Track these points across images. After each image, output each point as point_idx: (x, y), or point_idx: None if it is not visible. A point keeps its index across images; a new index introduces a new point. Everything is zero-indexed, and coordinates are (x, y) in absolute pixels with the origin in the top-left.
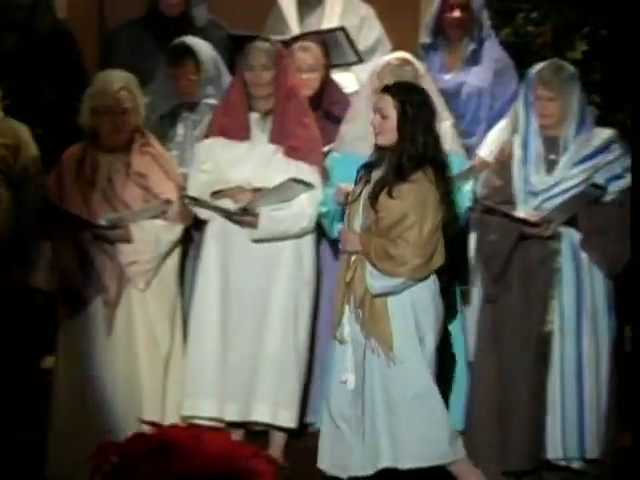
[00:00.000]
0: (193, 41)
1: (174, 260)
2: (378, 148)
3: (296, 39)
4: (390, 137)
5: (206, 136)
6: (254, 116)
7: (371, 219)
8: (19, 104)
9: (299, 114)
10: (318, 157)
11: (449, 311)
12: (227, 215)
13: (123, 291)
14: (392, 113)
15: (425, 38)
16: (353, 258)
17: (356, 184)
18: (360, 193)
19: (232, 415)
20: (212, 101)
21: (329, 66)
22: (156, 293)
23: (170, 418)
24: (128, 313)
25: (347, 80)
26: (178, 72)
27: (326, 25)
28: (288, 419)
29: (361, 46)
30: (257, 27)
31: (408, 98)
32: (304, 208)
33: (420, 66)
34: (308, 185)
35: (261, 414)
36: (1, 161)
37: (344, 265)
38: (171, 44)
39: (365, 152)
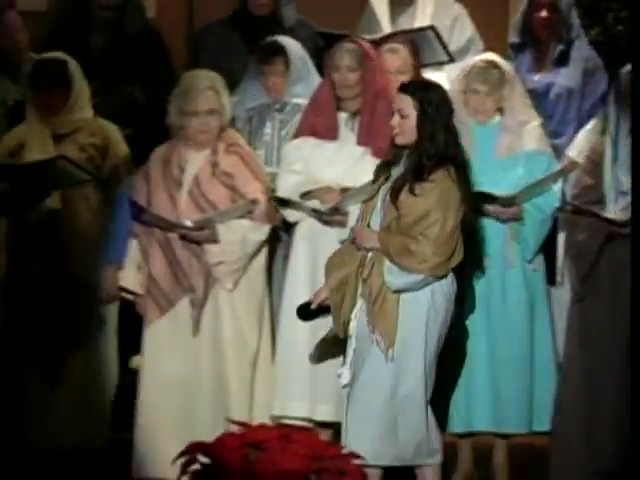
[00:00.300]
0: (284, 40)
1: (261, 260)
2: (396, 147)
3: (386, 39)
4: (410, 136)
5: (295, 136)
6: (343, 116)
7: (391, 217)
8: (109, 104)
9: (388, 114)
10: None
11: (537, 311)
12: (317, 215)
13: (210, 291)
14: (412, 113)
15: (514, 38)
16: (369, 255)
17: (374, 182)
18: (377, 191)
19: (323, 415)
20: (300, 100)
21: (419, 66)
22: (244, 293)
23: (258, 418)
24: (215, 313)
25: (438, 79)
26: (268, 70)
27: (418, 25)
28: None
29: (453, 46)
30: (347, 27)
31: (427, 97)
32: None
33: (508, 68)
34: None
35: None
36: (89, 161)
37: (354, 261)
38: (262, 42)
39: None
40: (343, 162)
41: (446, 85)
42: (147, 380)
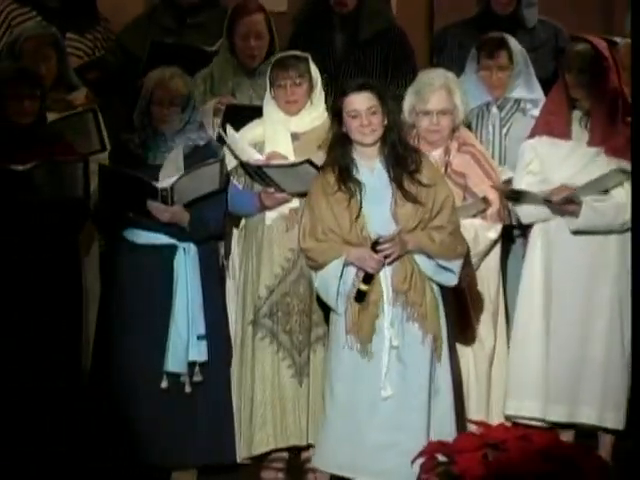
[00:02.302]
0: (506, 35)
1: (495, 259)
2: (352, 150)
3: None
4: (380, 132)
5: (531, 135)
6: (577, 114)
7: (410, 214)
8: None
9: (622, 113)
10: None
11: None
12: (550, 205)
13: None
14: (379, 109)
15: None
16: (408, 267)
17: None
18: (350, 200)
19: (556, 416)
20: (520, 94)
21: None
22: (476, 292)
23: (494, 416)
24: None
25: None
26: (493, 64)
27: None
28: (615, 421)
29: None
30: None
31: (385, 91)
32: (626, 199)
33: None
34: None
35: (587, 416)
36: None
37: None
38: (486, 37)
39: None
40: (577, 162)
41: None
42: None
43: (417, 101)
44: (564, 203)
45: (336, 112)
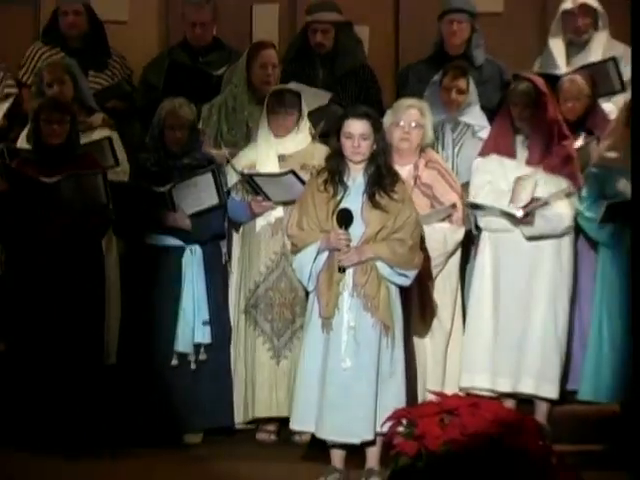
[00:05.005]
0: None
1: (456, 256)
2: (342, 165)
3: (567, 73)
4: (366, 154)
5: (482, 154)
6: (519, 138)
7: (377, 224)
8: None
9: (557, 138)
10: (572, 170)
11: None
12: (508, 217)
13: None
14: (370, 135)
15: None
16: (368, 266)
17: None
18: (331, 199)
19: (502, 387)
20: (468, 120)
21: (594, 96)
22: (441, 284)
23: (448, 388)
24: None
25: (608, 109)
26: (454, 86)
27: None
28: (550, 390)
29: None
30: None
31: (379, 121)
32: (565, 210)
33: None
34: (569, 193)
35: (527, 387)
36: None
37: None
38: (454, 62)
39: (615, 166)
40: (520, 175)
41: (614, 114)
42: None
43: (393, 117)
44: (524, 216)
45: (337, 129)
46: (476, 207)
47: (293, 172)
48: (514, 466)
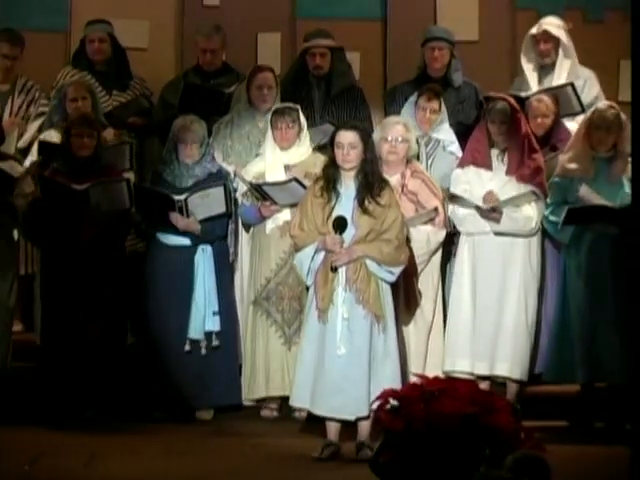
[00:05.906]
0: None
1: (438, 255)
2: (337, 173)
3: (535, 94)
4: (356, 162)
5: (461, 165)
6: (495, 152)
7: (367, 227)
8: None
9: (528, 151)
10: (541, 180)
11: None
12: (479, 211)
13: None
14: (359, 145)
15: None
16: (359, 263)
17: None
18: (326, 205)
19: (481, 370)
20: (438, 136)
21: (559, 113)
22: (424, 280)
23: (429, 371)
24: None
25: (571, 128)
26: (428, 106)
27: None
28: (520, 373)
29: (584, 101)
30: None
31: (367, 132)
32: (532, 213)
33: (622, 115)
34: (537, 197)
35: (501, 370)
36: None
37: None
38: (429, 85)
39: (576, 175)
40: (495, 185)
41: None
42: None
43: (382, 133)
44: (491, 212)
45: (331, 141)
46: (453, 198)
47: (295, 179)
48: (487, 440)
